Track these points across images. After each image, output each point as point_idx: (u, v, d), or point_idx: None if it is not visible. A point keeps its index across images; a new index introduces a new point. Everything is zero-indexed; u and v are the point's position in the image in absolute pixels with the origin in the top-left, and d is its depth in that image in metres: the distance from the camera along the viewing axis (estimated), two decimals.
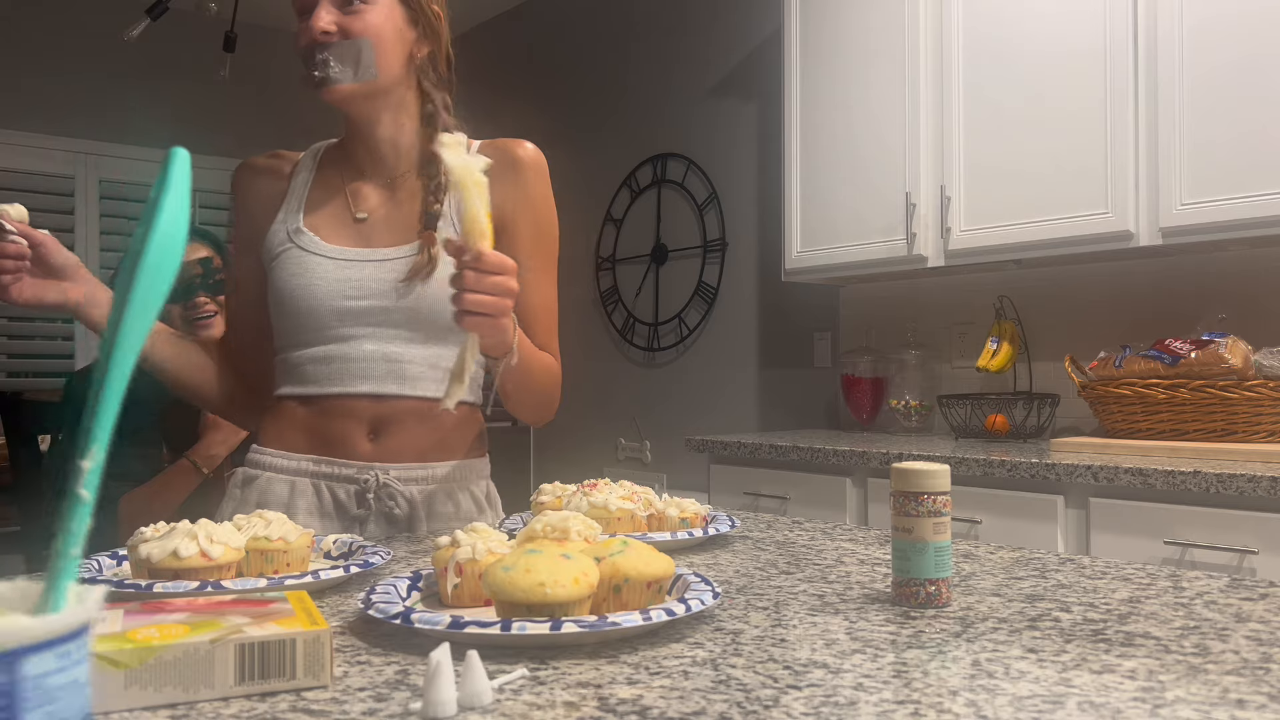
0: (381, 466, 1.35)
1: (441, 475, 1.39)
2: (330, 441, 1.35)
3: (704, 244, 3.91)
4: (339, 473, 1.35)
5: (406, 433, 1.36)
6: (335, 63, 1.28)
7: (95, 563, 1.01)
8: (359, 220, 1.37)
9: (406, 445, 1.36)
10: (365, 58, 1.29)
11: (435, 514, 1.38)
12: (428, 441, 1.37)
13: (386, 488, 1.35)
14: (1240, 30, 2.22)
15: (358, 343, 1.33)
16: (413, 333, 1.34)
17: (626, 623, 0.73)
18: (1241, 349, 2.21)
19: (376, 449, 1.35)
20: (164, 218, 0.45)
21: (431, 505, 1.37)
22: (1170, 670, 0.69)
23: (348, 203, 1.39)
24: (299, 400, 1.36)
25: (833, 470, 2.66)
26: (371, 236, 1.37)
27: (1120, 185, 2.39)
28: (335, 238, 1.36)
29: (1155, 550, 2.03)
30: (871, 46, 2.91)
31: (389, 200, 1.39)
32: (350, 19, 1.28)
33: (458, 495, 1.40)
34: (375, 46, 1.30)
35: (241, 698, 0.64)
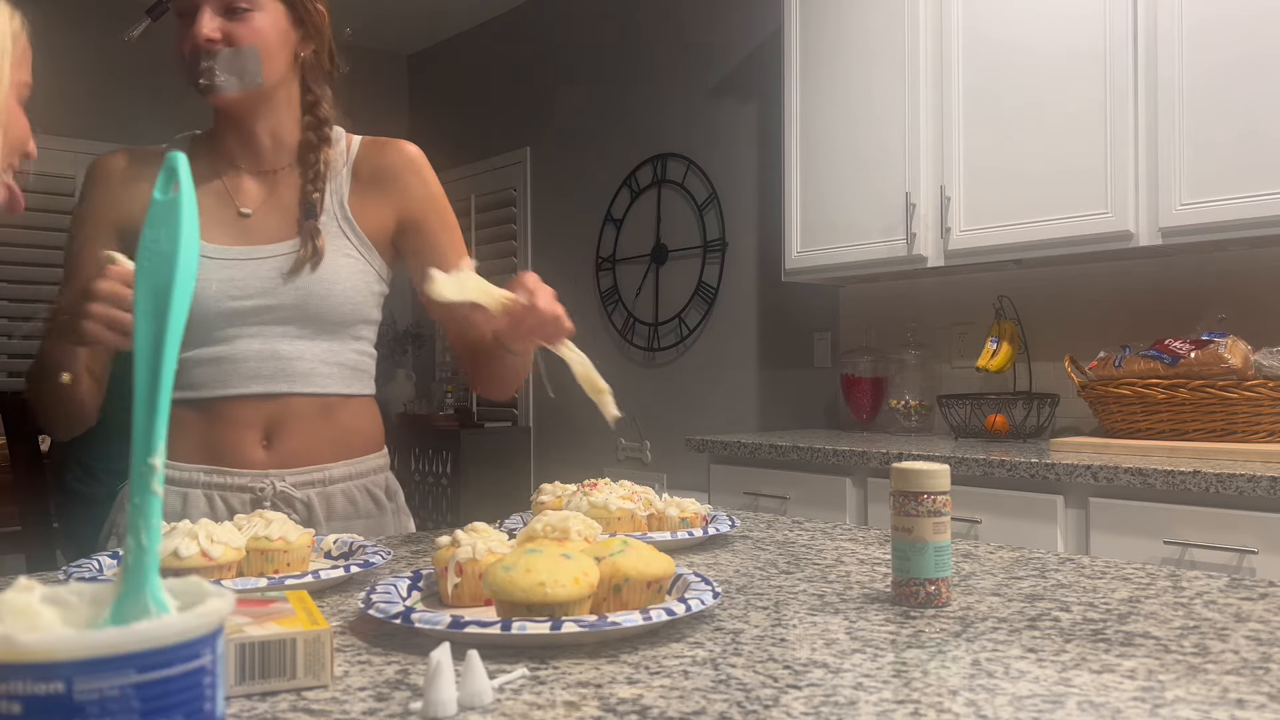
0: (277, 474, 1.33)
1: (338, 475, 1.37)
2: (222, 449, 1.32)
3: (704, 244, 3.91)
4: (232, 482, 1.32)
5: (300, 434, 1.34)
6: (221, 71, 1.28)
7: (96, 562, 1.01)
8: (243, 216, 1.35)
9: (300, 448, 1.34)
10: (251, 65, 1.29)
11: (334, 514, 1.37)
12: (322, 440, 1.36)
13: (283, 494, 1.33)
14: (1240, 30, 2.22)
15: (245, 342, 1.31)
16: (301, 329, 1.33)
17: (626, 623, 0.73)
18: (1241, 349, 2.21)
19: (270, 455, 1.33)
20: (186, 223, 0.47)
21: (330, 506, 1.36)
22: (1170, 670, 0.69)
23: (229, 199, 1.36)
24: (187, 405, 1.31)
25: (833, 470, 2.66)
26: (254, 232, 1.34)
27: (1120, 185, 2.39)
28: (216, 236, 1.32)
29: (1155, 550, 2.03)
30: (871, 47, 2.91)
31: (269, 194, 1.37)
32: (235, 26, 1.27)
33: (354, 494, 1.39)
34: (260, 52, 1.29)
35: (242, 697, 0.65)
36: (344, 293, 1.34)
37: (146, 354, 0.45)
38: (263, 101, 1.34)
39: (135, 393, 0.45)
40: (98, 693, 0.37)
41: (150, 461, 0.44)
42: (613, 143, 4.32)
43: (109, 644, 0.37)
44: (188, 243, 0.46)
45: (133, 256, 1.28)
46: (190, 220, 0.47)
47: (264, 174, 1.38)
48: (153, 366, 0.45)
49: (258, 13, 1.28)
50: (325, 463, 1.36)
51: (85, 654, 0.36)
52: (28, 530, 2.67)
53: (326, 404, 1.35)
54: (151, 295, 0.46)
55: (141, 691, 0.37)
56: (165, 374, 0.45)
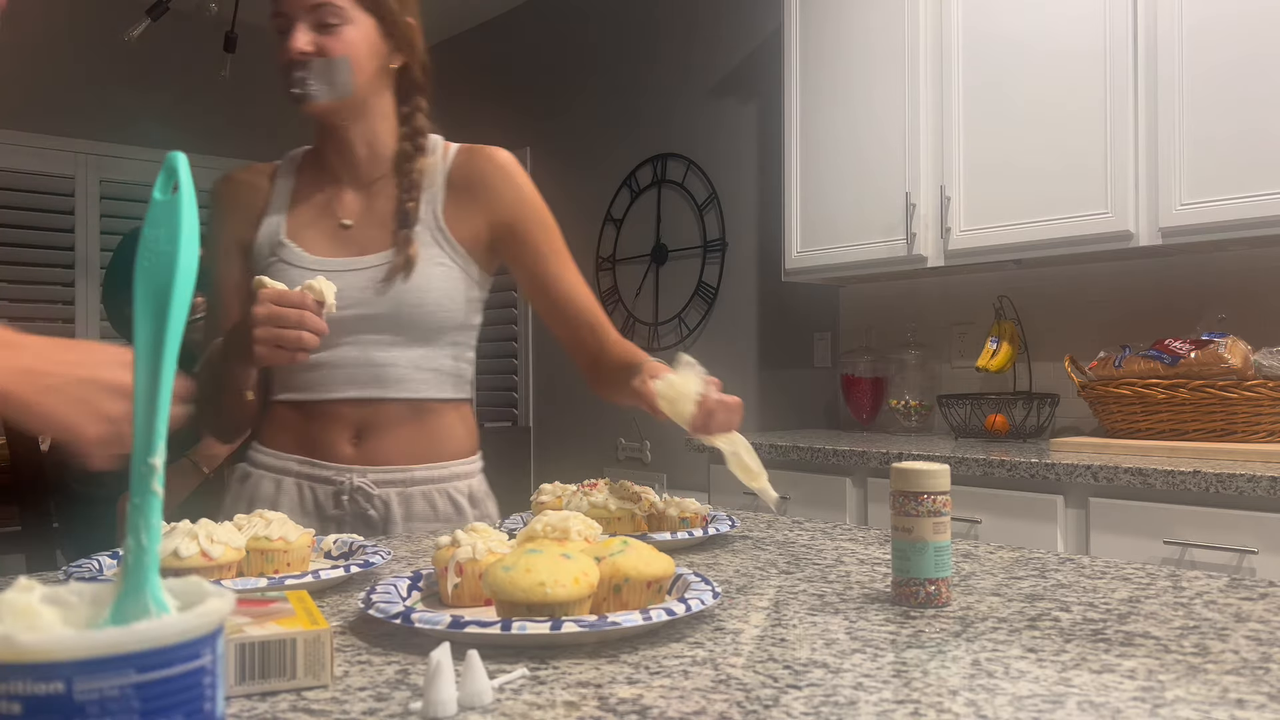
0: (360, 470, 1.39)
1: (420, 478, 1.42)
2: (315, 444, 1.40)
3: (704, 244, 3.91)
4: (319, 474, 1.40)
5: (389, 436, 1.40)
6: (313, 81, 1.33)
7: (95, 562, 1.01)
8: (344, 227, 1.41)
9: (387, 449, 1.40)
10: (341, 76, 1.34)
11: (412, 515, 1.41)
12: (410, 443, 1.41)
13: (361, 490, 1.39)
14: (1240, 30, 2.22)
15: (343, 350, 1.37)
16: (395, 336, 1.38)
17: (626, 622, 0.73)
18: (1241, 349, 2.21)
19: (358, 453, 1.40)
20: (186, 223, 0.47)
21: (409, 507, 1.41)
22: (1170, 670, 0.69)
23: (331, 211, 1.43)
24: (288, 406, 1.41)
25: (833, 470, 2.66)
26: (353, 243, 1.40)
27: (1120, 185, 2.39)
28: (318, 248, 1.40)
29: (1155, 550, 2.03)
30: (871, 47, 2.91)
31: (368, 205, 1.43)
32: (326, 39, 1.32)
33: (434, 497, 1.43)
34: (351, 64, 1.34)
35: (242, 697, 0.65)
36: (436, 300, 1.38)
37: (146, 354, 0.45)
38: (355, 112, 1.39)
39: (135, 393, 0.45)
40: (98, 693, 0.37)
41: (150, 461, 0.44)
42: (613, 143, 4.32)
43: (109, 644, 0.37)
44: (188, 242, 0.46)
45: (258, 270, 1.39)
46: (190, 220, 0.47)
47: (363, 186, 1.44)
48: (152, 366, 0.45)
49: (348, 26, 1.33)
50: (409, 464, 1.41)
51: (85, 654, 0.36)
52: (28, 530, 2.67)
53: (417, 408, 1.41)
54: (151, 295, 0.46)
55: (141, 691, 0.37)
56: (165, 374, 0.45)
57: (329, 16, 1.32)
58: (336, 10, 1.32)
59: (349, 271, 1.37)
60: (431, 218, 1.41)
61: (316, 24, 1.32)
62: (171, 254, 0.46)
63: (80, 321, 4.49)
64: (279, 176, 1.49)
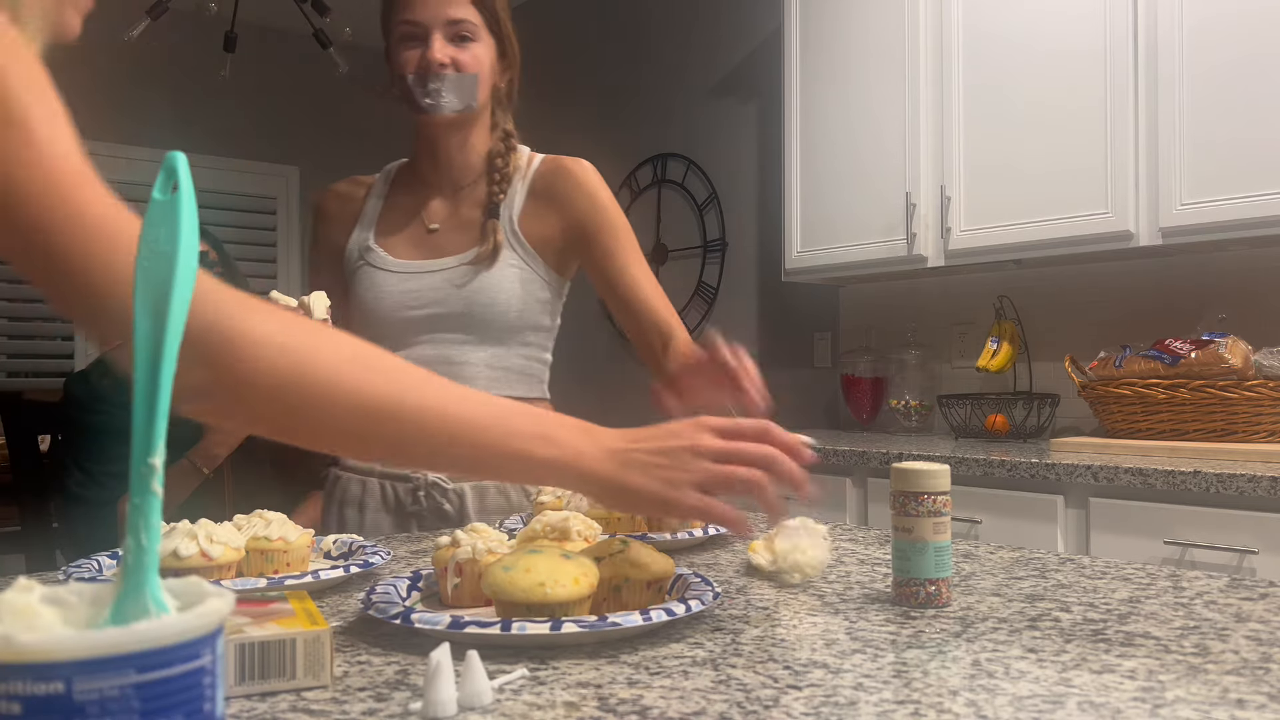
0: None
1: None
2: None
3: (704, 244, 3.91)
4: (397, 473, 1.49)
5: None
6: (447, 92, 1.41)
7: (95, 563, 1.01)
8: (431, 231, 1.50)
9: None
10: (472, 90, 1.44)
11: (486, 508, 1.48)
12: None
13: (437, 486, 1.47)
14: (1240, 30, 2.22)
15: (420, 349, 1.45)
16: (469, 335, 1.45)
17: (626, 623, 0.73)
18: (1241, 349, 2.21)
19: None
20: (185, 222, 0.46)
21: (483, 500, 1.48)
22: (1170, 670, 0.69)
23: (419, 216, 1.51)
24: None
25: (833, 470, 2.66)
26: (437, 246, 1.49)
27: (1120, 185, 2.39)
28: (403, 252, 1.49)
29: (1155, 550, 2.03)
30: (871, 47, 2.91)
31: (454, 210, 1.51)
32: (460, 53, 1.41)
33: (508, 490, 1.50)
34: (479, 81, 1.44)
35: (242, 697, 0.64)
36: (508, 300, 1.45)
37: (146, 354, 0.45)
38: (467, 122, 1.48)
39: (135, 393, 0.45)
40: (97, 693, 0.36)
41: (150, 461, 0.44)
42: (613, 143, 4.32)
43: (109, 644, 0.37)
44: (187, 242, 0.46)
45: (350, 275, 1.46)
46: (190, 220, 0.47)
47: (453, 192, 1.52)
48: (152, 367, 0.45)
49: (477, 43, 1.43)
50: None
51: (85, 654, 0.36)
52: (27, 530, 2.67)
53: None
54: (151, 295, 0.46)
55: (141, 691, 0.37)
56: (165, 374, 0.45)
57: (465, 32, 1.41)
58: (472, 28, 1.41)
59: (428, 273, 1.46)
60: (508, 221, 1.48)
61: (453, 36, 1.41)
62: (171, 254, 0.46)
63: None
64: (375, 186, 1.58)
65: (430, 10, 1.40)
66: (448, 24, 1.40)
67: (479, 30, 1.43)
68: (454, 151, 1.50)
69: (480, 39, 1.43)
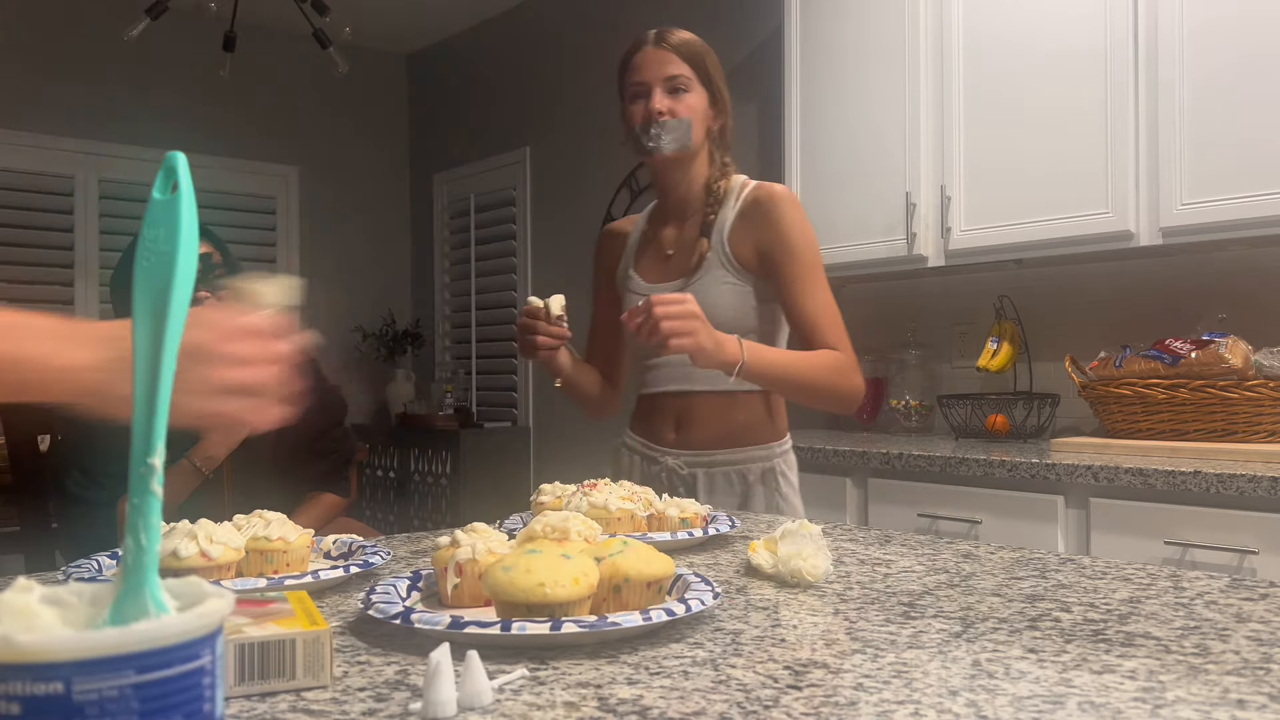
0: (675, 452, 1.75)
1: (720, 460, 1.72)
2: (651, 429, 1.80)
3: None
4: (649, 454, 1.79)
5: (698, 423, 1.73)
6: (666, 136, 1.68)
7: (95, 563, 1.01)
8: (667, 256, 1.78)
9: (697, 435, 1.73)
10: (686, 132, 1.70)
11: (715, 489, 1.72)
12: (715, 430, 1.72)
13: (674, 471, 1.73)
14: (1241, 31, 2.22)
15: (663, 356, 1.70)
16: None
17: (626, 623, 0.73)
18: (1241, 349, 2.21)
19: (677, 437, 1.75)
20: (185, 222, 0.46)
21: (713, 482, 1.72)
22: (1170, 670, 0.69)
23: (660, 244, 1.81)
24: (643, 398, 1.83)
25: (833, 470, 2.66)
26: (673, 268, 1.76)
27: (1120, 185, 2.39)
28: (650, 275, 1.79)
29: (1155, 550, 2.03)
30: (871, 47, 2.91)
31: (681, 235, 1.78)
32: (676, 103, 1.69)
33: (732, 476, 1.72)
34: (692, 124, 1.70)
35: (241, 698, 0.64)
36: (723, 313, 1.65)
37: (146, 354, 0.45)
38: (686, 162, 1.75)
39: (135, 394, 0.45)
40: (97, 693, 0.36)
41: (150, 461, 0.44)
42: (613, 143, 4.30)
43: (108, 644, 0.37)
44: (187, 243, 0.46)
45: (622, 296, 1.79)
46: (189, 220, 0.47)
47: (682, 220, 1.79)
48: (152, 367, 0.45)
49: (690, 94, 1.71)
50: (713, 449, 1.73)
51: (84, 654, 0.36)
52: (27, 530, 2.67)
53: (722, 399, 1.71)
54: (151, 295, 0.46)
55: (141, 692, 0.37)
56: (164, 374, 0.45)
57: (680, 85, 1.69)
58: (684, 80, 1.70)
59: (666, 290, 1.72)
60: (720, 240, 1.71)
61: (670, 89, 1.69)
62: (171, 254, 0.46)
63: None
64: (639, 222, 1.90)
65: (651, 70, 1.70)
66: (665, 80, 1.69)
67: (692, 83, 1.70)
68: (678, 185, 1.77)
69: (693, 90, 1.71)
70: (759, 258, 1.69)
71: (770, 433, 1.76)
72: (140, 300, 0.46)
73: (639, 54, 1.73)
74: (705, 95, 1.73)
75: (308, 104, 5.08)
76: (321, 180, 5.17)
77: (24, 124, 4.39)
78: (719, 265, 1.70)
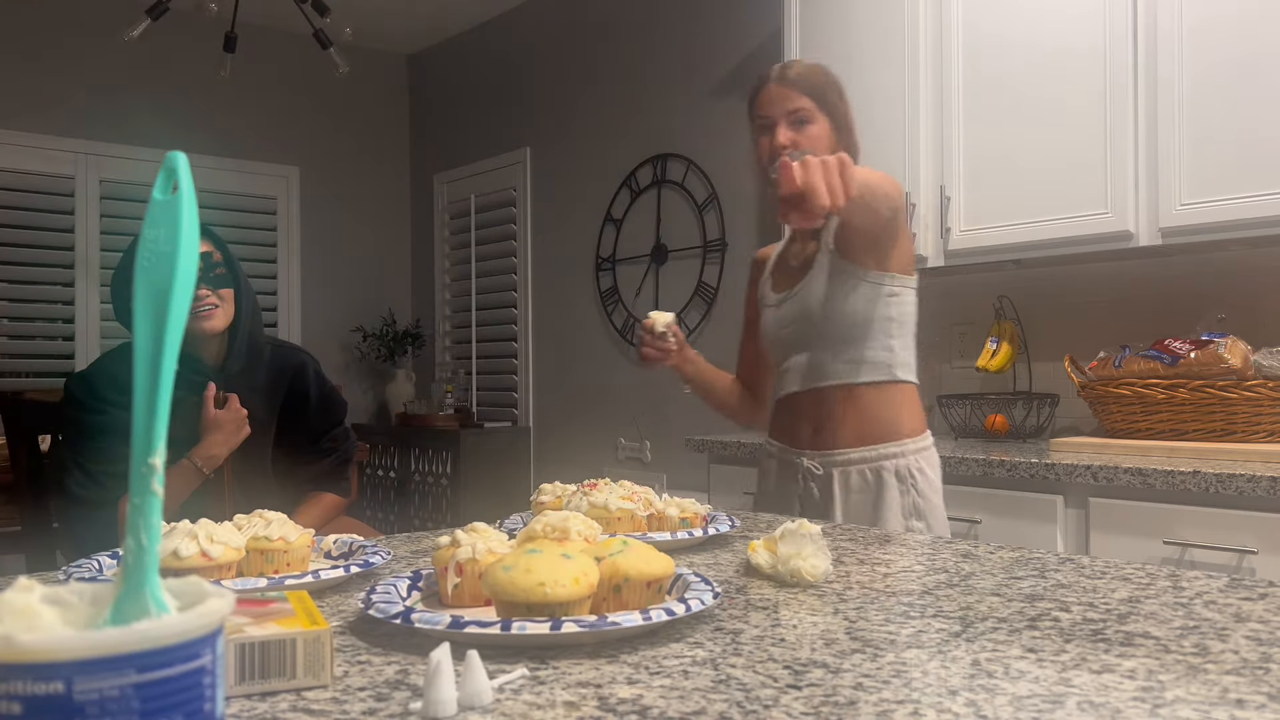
0: (809, 453, 1.78)
1: (854, 459, 1.74)
2: (786, 432, 1.84)
3: (704, 244, 3.91)
4: (786, 456, 1.83)
5: (831, 424, 1.76)
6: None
7: (95, 563, 1.01)
8: (792, 267, 1.86)
9: (829, 435, 1.76)
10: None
11: (849, 488, 1.74)
12: (846, 428, 1.75)
13: (810, 471, 1.77)
14: (1240, 29, 2.22)
15: (795, 358, 1.80)
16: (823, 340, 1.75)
17: (626, 623, 0.73)
18: (1241, 349, 2.21)
19: (812, 438, 1.78)
20: (186, 223, 0.46)
21: (847, 481, 1.74)
22: (1170, 670, 0.69)
23: (788, 257, 1.89)
24: (779, 401, 1.87)
25: None
26: (797, 278, 1.82)
27: (1120, 185, 2.39)
28: (780, 287, 1.86)
29: (1155, 550, 2.03)
30: (871, 47, 2.91)
31: (806, 247, 1.85)
32: (798, 135, 1.74)
33: (866, 474, 1.73)
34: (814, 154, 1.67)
35: (242, 697, 0.65)
36: (837, 308, 1.73)
37: (146, 354, 0.45)
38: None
39: (135, 393, 0.45)
40: (97, 693, 0.36)
41: (150, 461, 0.44)
42: (613, 143, 4.32)
43: (109, 644, 0.37)
44: (187, 243, 0.46)
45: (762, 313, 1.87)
46: (190, 220, 0.47)
47: (807, 239, 1.85)
48: (152, 367, 0.45)
49: (813, 125, 1.75)
50: (843, 448, 1.75)
51: (85, 654, 0.36)
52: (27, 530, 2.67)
53: (853, 393, 1.75)
54: (151, 295, 0.46)
55: (141, 691, 0.37)
56: (165, 374, 0.45)
57: (802, 117, 1.74)
58: (806, 112, 1.74)
59: (785, 301, 1.82)
60: (826, 242, 1.77)
61: (792, 123, 1.74)
62: (171, 254, 0.46)
63: (80, 321, 4.48)
64: (780, 244, 1.97)
65: (774, 106, 1.75)
66: (787, 114, 1.74)
67: (814, 113, 1.75)
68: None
69: (815, 120, 1.75)
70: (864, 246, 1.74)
71: (903, 429, 1.76)
72: (141, 300, 0.46)
73: (763, 91, 1.79)
74: (828, 123, 1.78)
75: (308, 104, 5.08)
76: (321, 180, 5.17)
77: (24, 124, 4.39)
78: (828, 265, 1.76)
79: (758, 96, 1.80)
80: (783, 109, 1.75)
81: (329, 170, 5.19)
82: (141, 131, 4.54)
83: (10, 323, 4.40)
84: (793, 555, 0.98)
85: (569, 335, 4.57)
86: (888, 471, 1.73)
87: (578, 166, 4.49)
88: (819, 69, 1.82)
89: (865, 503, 1.73)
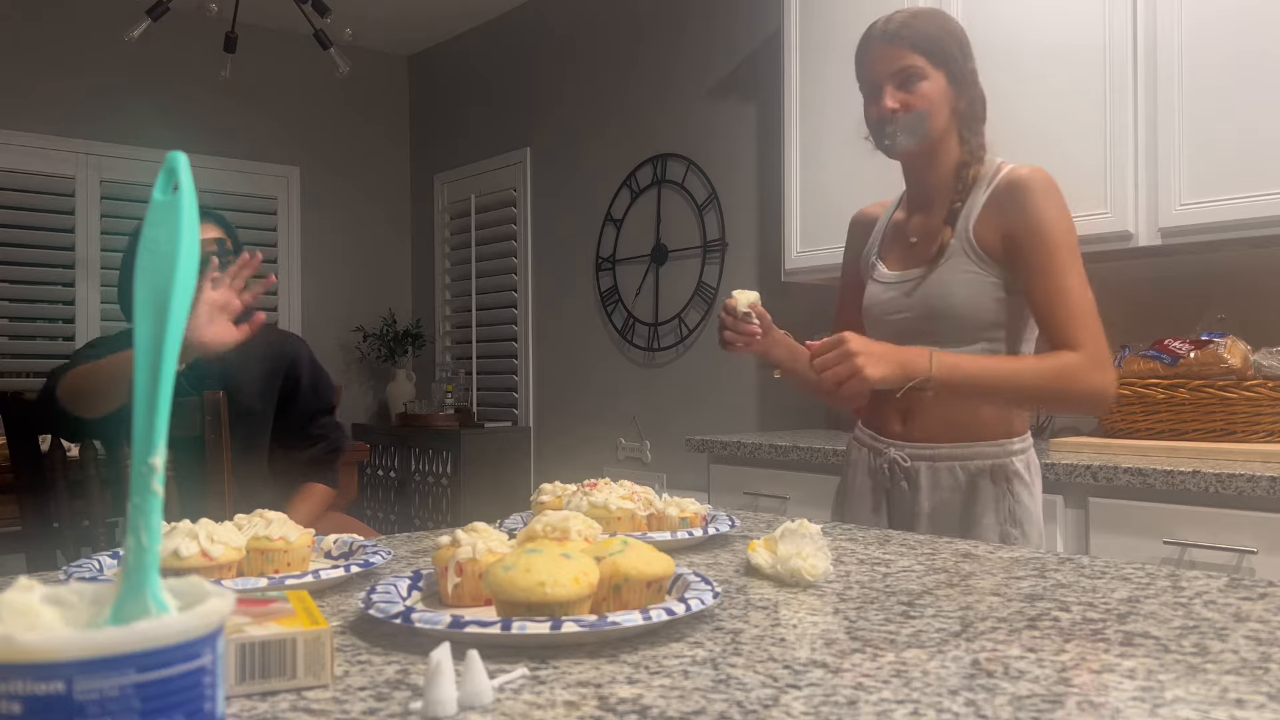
0: (899, 444, 1.67)
1: (944, 455, 1.63)
2: (879, 421, 1.72)
3: (704, 244, 3.91)
4: (875, 446, 1.72)
5: (925, 417, 1.64)
6: (900, 133, 1.60)
7: (96, 562, 1.01)
8: (912, 244, 1.69)
9: (923, 428, 1.64)
10: (922, 126, 1.60)
11: (938, 484, 1.63)
12: (941, 422, 1.63)
13: (897, 463, 1.66)
14: (1240, 29, 2.21)
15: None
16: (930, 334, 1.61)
17: (626, 622, 0.73)
18: (1240, 349, 2.21)
19: (903, 429, 1.67)
20: (186, 223, 0.46)
21: (936, 477, 1.63)
22: (1169, 670, 0.69)
23: (905, 232, 1.72)
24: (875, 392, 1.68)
25: (833, 470, 2.65)
26: (915, 257, 1.67)
27: (1119, 185, 2.39)
28: (893, 264, 1.71)
29: (1154, 550, 2.03)
30: None
31: (927, 223, 1.68)
32: (909, 96, 1.59)
33: (957, 471, 1.62)
34: (929, 114, 1.59)
35: (242, 697, 0.65)
36: (959, 304, 1.59)
37: (146, 354, 0.45)
38: (930, 151, 1.64)
39: (135, 393, 0.45)
40: (98, 692, 0.37)
41: (150, 461, 0.44)
42: (613, 143, 4.32)
43: (109, 644, 0.37)
44: (188, 243, 0.46)
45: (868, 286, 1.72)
46: (190, 220, 0.47)
47: (927, 207, 1.69)
48: (153, 367, 0.45)
49: (925, 82, 1.59)
50: (938, 443, 1.64)
51: (85, 654, 0.36)
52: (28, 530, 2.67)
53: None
54: (151, 295, 0.46)
55: (142, 691, 0.37)
56: (165, 374, 0.45)
57: (912, 75, 1.58)
58: (916, 70, 1.58)
59: (900, 283, 1.67)
60: (964, 230, 1.60)
61: (900, 82, 1.58)
62: (171, 254, 0.46)
63: (80, 321, 4.48)
64: (890, 207, 1.81)
65: (880, 66, 1.60)
66: (894, 75, 1.58)
67: (925, 69, 1.58)
68: (922, 174, 1.68)
69: (929, 77, 1.58)
70: (1005, 246, 1.58)
71: (1003, 429, 1.63)
72: (141, 300, 0.46)
73: (868, 52, 1.63)
74: (943, 76, 1.60)
75: (308, 104, 5.08)
76: (322, 180, 5.17)
77: (24, 124, 4.39)
78: (961, 253, 1.60)
79: (863, 59, 1.64)
80: (888, 69, 1.59)
81: (329, 170, 5.19)
82: (142, 131, 4.54)
83: (10, 323, 4.40)
84: (793, 555, 0.98)
85: (569, 335, 4.57)
86: (980, 472, 1.61)
87: (578, 166, 4.49)
88: (933, 15, 1.64)
89: (955, 503, 1.62)
